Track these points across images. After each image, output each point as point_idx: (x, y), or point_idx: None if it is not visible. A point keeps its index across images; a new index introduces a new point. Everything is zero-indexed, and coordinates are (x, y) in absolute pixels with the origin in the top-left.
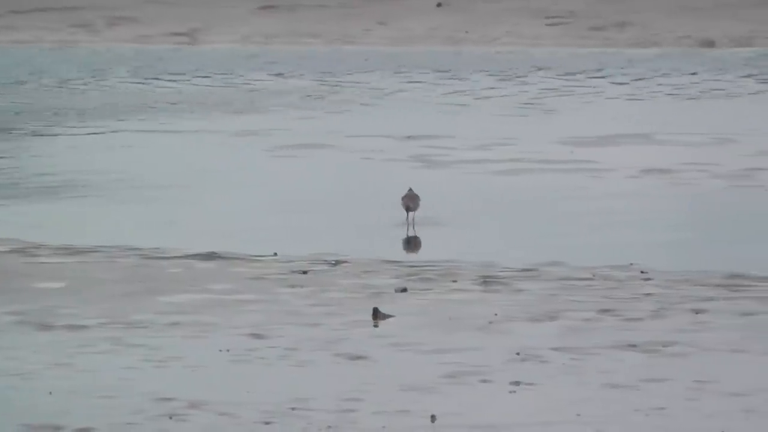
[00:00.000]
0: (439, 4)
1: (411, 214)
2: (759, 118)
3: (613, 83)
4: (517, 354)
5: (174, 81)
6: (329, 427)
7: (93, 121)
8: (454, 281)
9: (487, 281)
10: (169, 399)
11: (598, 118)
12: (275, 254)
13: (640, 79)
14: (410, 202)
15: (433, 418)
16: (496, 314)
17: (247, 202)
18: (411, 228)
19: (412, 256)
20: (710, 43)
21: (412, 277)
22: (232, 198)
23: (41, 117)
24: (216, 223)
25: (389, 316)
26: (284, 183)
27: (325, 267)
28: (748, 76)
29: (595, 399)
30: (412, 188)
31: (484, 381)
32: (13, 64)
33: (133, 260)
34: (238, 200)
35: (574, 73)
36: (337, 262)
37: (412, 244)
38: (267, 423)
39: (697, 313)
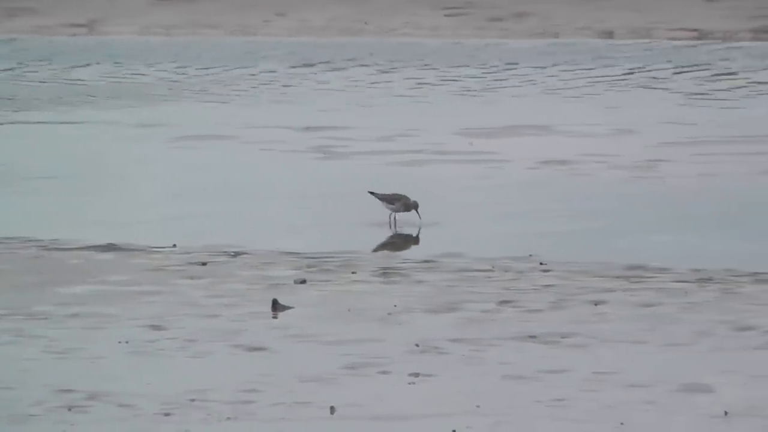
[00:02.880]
0: None
1: (395, 214)
2: (659, 110)
3: (511, 74)
4: (417, 345)
5: (73, 72)
6: (228, 418)
7: None
8: (354, 273)
9: (386, 273)
10: (69, 390)
11: (497, 109)
12: (174, 246)
13: (538, 70)
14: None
15: (332, 409)
16: (395, 306)
17: (146, 194)
18: (393, 226)
19: (313, 248)
20: (609, 34)
21: (312, 269)
22: (131, 189)
23: None
24: (115, 215)
25: (288, 308)
26: (183, 174)
27: (225, 258)
28: (648, 67)
29: (495, 390)
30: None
31: (384, 372)
32: None
33: (33, 251)
34: (137, 192)
35: (472, 64)
36: (237, 254)
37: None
38: (166, 414)
39: (596, 305)
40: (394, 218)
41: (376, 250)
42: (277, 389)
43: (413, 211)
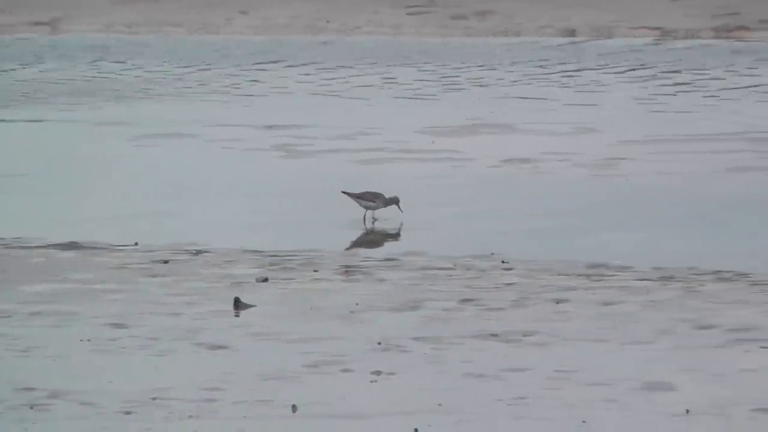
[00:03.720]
0: None
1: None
2: (620, 108)
3: (473, 73)
4: (379, 343)
5: (35, 70)
6: (190, 416)
7: None
8: (316, 271)
9: (348, 271)
10: (31, 389)
11: (459, 107)
12: (136, 244)
13: (500, 68)
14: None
15: (294, 407)
16: (357, 304)
17: (108, 192)
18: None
19: (275, 246)
20: (572, 33)
21: (274, 267)
22: (93, 188)
23: None
24: (77, 213)
25: (250, 306)
26: (145, 172)
27: (187, 256)
28: (609, 65)
29: (457, 388)
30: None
31: (346, 370)
32: None
33: None
34: (99, 190)
35: (435, 63)
36: (199, 252)
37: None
38: (128, 413)
39: (558, 303)
40: (366, 215)
41: (338, 248)
42: (239, 388)
43: (387, 208)
